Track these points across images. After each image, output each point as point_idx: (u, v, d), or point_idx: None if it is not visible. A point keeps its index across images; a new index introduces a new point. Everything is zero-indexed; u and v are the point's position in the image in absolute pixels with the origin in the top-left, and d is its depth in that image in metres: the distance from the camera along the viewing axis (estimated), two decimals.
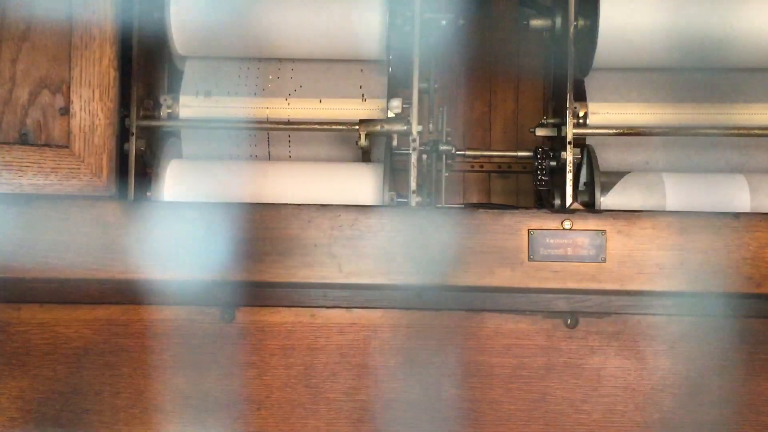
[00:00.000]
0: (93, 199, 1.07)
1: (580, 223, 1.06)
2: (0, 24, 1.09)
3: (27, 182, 1.08)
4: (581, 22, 1.23)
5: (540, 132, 1.31)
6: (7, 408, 1.15)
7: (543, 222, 1.06)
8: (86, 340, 1.15)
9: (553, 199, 1.32)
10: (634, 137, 1.26)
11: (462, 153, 1.38)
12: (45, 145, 1.09)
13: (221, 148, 1.29)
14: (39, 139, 1.09)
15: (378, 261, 1.05)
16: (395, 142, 1.23)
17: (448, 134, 1.35)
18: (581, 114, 1.25)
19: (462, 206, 1.50)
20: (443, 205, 1.33)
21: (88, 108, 1.09)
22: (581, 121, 1.24)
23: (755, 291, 1.04)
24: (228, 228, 1.05)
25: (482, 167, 1.68)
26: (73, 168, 1.09)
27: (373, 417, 1.14)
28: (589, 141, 1.28)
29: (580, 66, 1.27)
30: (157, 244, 1.06)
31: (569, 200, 1.17)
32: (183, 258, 1.05)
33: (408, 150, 1.18)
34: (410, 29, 1.21)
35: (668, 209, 1.18)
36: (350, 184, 1.21)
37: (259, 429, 1.15)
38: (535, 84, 1.68)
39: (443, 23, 1.24)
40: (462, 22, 1.27)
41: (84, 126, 1.09)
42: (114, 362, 1.15)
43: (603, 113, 1.26)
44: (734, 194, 1.19)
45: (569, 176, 1.18)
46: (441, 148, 1.32)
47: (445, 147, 1.32)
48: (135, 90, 1.17)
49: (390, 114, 1.23)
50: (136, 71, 1.17)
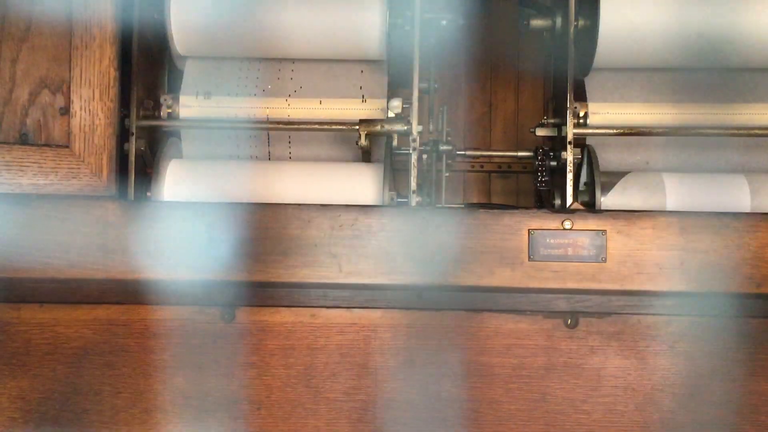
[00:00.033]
0: (93, 199, 1.07)
1: (581, 223, 1.06)
2: (0, 24, 1.09)
3: (27, 182, 1.08)
4: (581, 22, 1.23)
5: (540, 132, 1.31)
6: (7, 408, 1.15)
7: (543, 222, 1.06)
8: (86, 340, 1.15)
9: (554, 199, 1.32)
10: (634, 137, 1.26)
11: (462, 153, 1.38)
12: (45, 145, 1.09)
13: (221, 148, 1.29)
14: (39, 139, 1.09)
15: (378, 261, 1.05)
16: (395, 142, 1.23)
17: (449, 134, 1.35)
18: (581, 114, 1.25)
19: (462, 206, 1.50)
20: (443, 205, 1.33)
21: (88, 108, 1.09)
22: (581, 121, 1.24)
23: (755, 291, 1.04)
24: (228, 228, 1.05)
25: (482, 167, 1.68)
26: (73, 168, 1.09)
27: (373, 417, 1.14)
28: (590, 141, 1.28)
29: (581, 66, 1.27)
30: (157, 244, 1.06)
31: (569, 200, 1.17)
32: (183, 258, 1.05)
33: (408, 150, 1.18)
34: (410, 29, 1.21)
35: (668, 209, 1.18)
36: (350, 184, 1.21)
37: (259, 429, 1.15)
38: (536, 84, 1.68)
39: (443, 23, 1.24)
40: (462, 22, 1.27)
41: (84, 126, 1.09)
42: (114, 362, 1.15)
43: (603, 113, 1.26)
44: (734, 194, 1.19)
45: (569, 176, 1.18)
46: (441, 148, 1.32)
47: (446, 147, 1.32)
48: (135, 90, 1.17)
49: (390, 114, 1.23)
50: (136, 71, 1.17)
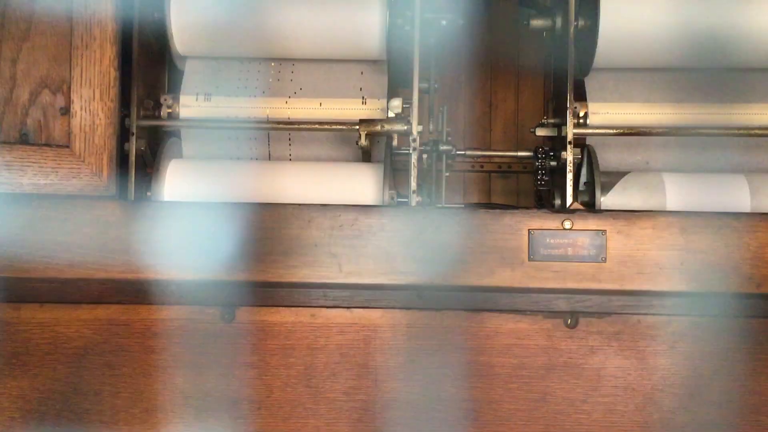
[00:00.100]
0: (93, 199, 1.07)
1: (581, 223, 1.06)
2: (0, 24, 1.09)
3: (27, 182, 1.08)
4: (581, 22, 1.23)
5: (540, 132, 1.31)
6: (8, 408, 1.15)
7: (543, 222, 1.06)
8: (86, 340, 1.15)
9: (554, 199, 1.32)
10: (634, 137, 1.26)
11: (462, 153, 1.38)
12: (45, 145, 1.09)
13: (221, 148, 1.29)
14: (39, 139, 1.09)
15: (378, 261, 1.05)
16: (395, 142, 1.23)
17: (449, 134, 1.35)
18: (581, 114, 1.25)
19: (462, 206, 1.50)
20: (443, 205, 1.33)
21: (89, 108, 1.09)
22: (581, 121, 1.24)
23: (755, 291, 1.04)
24: (228, 228, 1.05)
25: (482, 167, 1.68)
26: (74, 168, 1.09)
27: (373, 417, 1.14)
28: (590, 141, 1.28)
29: (581, 66, 1.27)
30: (157, 244, 1.06)
31: (569, 200, 1.17)
32: (183, 258, 1.05)
33: (408, 150, 1.18)
34: (410, 29, 1.21)
35: (668, 209, 1.18)
36: (350, 184, 1.21)
37: (259, 429, 1.15)
38: (536, 84, 1.68)
39: (443, 23, 1.24)
40: (462, 22, 1.27)
41: (84, 126, 1.09)
42: (114, 362, 1.15)
43: (603, 113, 1.26)
44: (734, 194, 1.19)
45: (569, 176, 1.18)
46: (441, 148, 1.32)
47: (446, 147, 1.32)
48: (135, 90, 1.17)
49: (390, 114, 1.23)
50: (137, 71, 1.17)
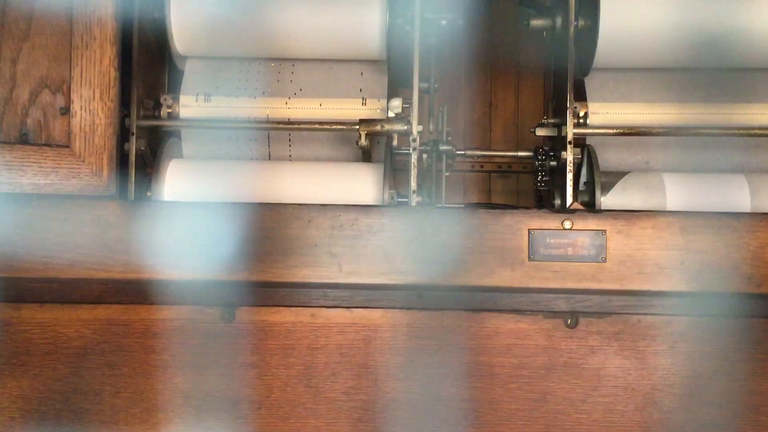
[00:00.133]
0: (93, 199, 1.07)
1: (581, 223, 1.06)
2: (1, 23, 1.09)
3: (27, 182, 1.08)
4: (581, 22, 1.23)
5: (540, 132, 1.31)
6: (8, 408, 1.15)
7: (543, 222, 1.06)
8: (86, 340, 1.15)
9: (554, 199, 1.32)
10: (634, 137, 1.26)
11: (462, 153, 1.38)
12: (45, 145, 1.09)
13: (221, 148, 1.29)
14: (39, 139, 1.09)
15: (378, 261, 1.05)
16: (395, 142, 1.23)
17: (449, 134, 1.35)
18: (581, 114, 1.25)
19: (462, 206, 1.50)
20: (444, 205, 1.33)
21: (89, 108, 1.09)
22: (581, 121, 1.24)
23: (755, 291, 1.04)
24: (228, 228, 1.05)
25: (483, 167, 1.68)
26: (74, 168, 1.09)
27: (373, 417, 1.14)
28: (590, 141, 1.28)
29: (581, 66, 1.27)
30: (157, 244, 1.06)
31: (569, 200, 1.17)
32: (183, 258, 1.05)
33: (408, 150, 1.18)
34: (410, 29, 1.21)
35: (668, 209, 1.18)
36: (350, 184, 1.21)
37: (259, 429, 1.15)
38: (536, 84, 1.68)
39: (443, 23, 1.24)
40: (462, 22, 1.27)
41: (84, 126, 1.09)
42: (114, 362, 1.15)
43: (603, 113, 1.26)
44: (734, 194, 1.19)
45: (569, 176, 1.18)
46: (441, 148, 1.32)
47: (446, 147, 1.32)
48: (135, 90, 1.17)
49: (390, 114, 1.23)
50: (137, 71, 1.17)
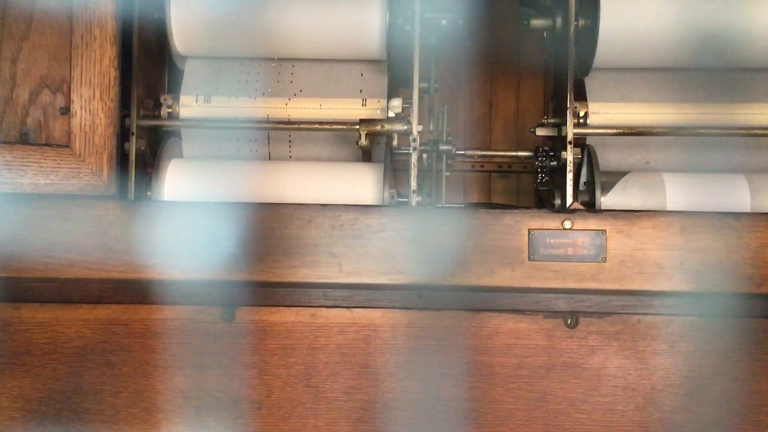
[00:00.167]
0: (93, 199, 1.07)
1: (581, 223, 1.06)
2: (1, 23, 1.09)
3: (27, 182, 1.08)
4: (581, 22, 1.23)
5: (540, 132, 1.31)
6: (8, 407, 1.15)
7: (543, 222, 1.06)
8: (86, 340, 1.15)
9: (554, 199, 1.32)
10: (634, 137, 1.26)
11: (462, 153, 1.38)
12: (45, 145, 1.09)
13: (221, 148, 1.29)
14: (39, 139, 1.09)
15: (378, 261, 1.05)
16: (395, 142, 1.23)
17: (449, 134, 1.35)
18: (582, 114, 1.25)
19: (462, 206, 1.51)
20: (444, 205, 1.33)
21: (89, 107, 1.09)
22: (582, 121, 1.24)
23: (755, 291, 1.04)
24: (228, 228, 1.05)
25: (483, 167, 1.68)
26: (74, 167, 1.09)
27: (373, 417, 1.14)
28: (590, 141, 1.28)
29: (581, 66, 1.27)
30: (158, 244, 1.06)
31: (569, 200, 1.17)
32: (183, 257, 1.05)
33: (408, 150, 1.18)
34: (410, 29, 1.21)
35: (668, 209, 1.18)
36: (351, 184, 1.21)
37: (259, 429, 1.15)
38: (536, 84, 1.68)
39: (443, 23, 1.24)
40: (462, 22, 1.27)
41: (84, 125, 1.09)
42: (114, 362, 1.15)
43: (603, 113, 1.26)
44: (735, 194, 1.19)
45: (569, 176, 1.18)
46: (441, 148, 1.32)
47: (446, 147, 1.32)
48: (135, 89, 1.17)
49: (390, 114, 1.23)
50: (137, 71, 1.17)
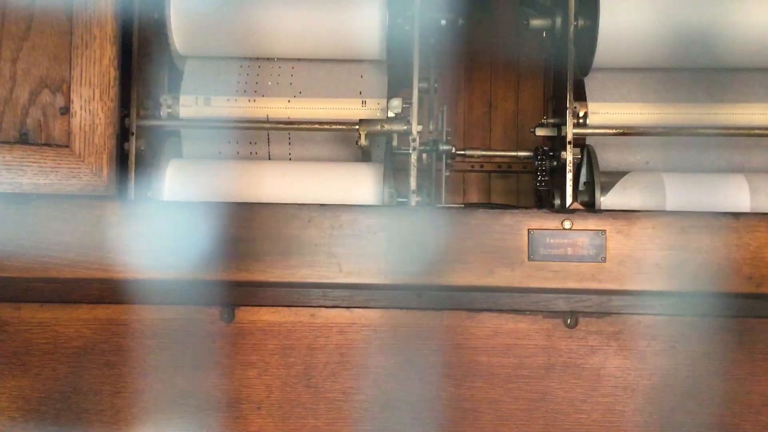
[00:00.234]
0: (93, 199, 1.07)
1: (580, 223, 1.06)
2: (0, 23, 1.09)
3: (27, 182, 1.08)
4: (581, 22, 1.23)
5: (540, 132, 1.31)
6: (8, 407, 1.15)
7: (543, 222, 1.06)
8: (86, 340, 1.15)
9: (553, 199, 1.32)
10: (634, 137, 1.26)
11: (462, 153, 1.38)
12: (45, 145, 1.09)
13: (221, 148, 1.29)
14: (39, 139, 1.09)
15: (378, 261, 1.05)
16: (395, 142, 1.23)
17: (449, 134, 1.35)
18: (581, 114, 1.25)
19: (462, 206, 1.50)
20: (443, 205, 1.33)
21: (89, 107, 1.09)
22: (581, 121, 1.24)
23: (755, 291, 1.04)
24: (228, 227, 1.05)
25: (482, 167, 1.68)
26: (73, 167, 1.09)
27: (373, 417, 1.14)
28: (589, 141, 1.28)
29: (580, 66, 1.27)
30: (157, 244, 1.06)
31: (569, 200, 1.17)
32: (183, 257, 1.05)
33: (408, 150, 1.18)
34: (410, 29, 1.21)
35: (668, 209, 1.18)
36: (350, 184, 1.21)
37: (259, 429, 1.15)
38: (536, 84, 1.68)
39: (443, 23, 1.24)
40: (462, 22, 1.27)
41: (84, 125, 1.09)
42: (114, 362, 1.15)
43: (603, 113, 1.26)
44: (734, 194, 1.19)
45: (569, 176, 1.18)
46: (441, 148, 1.32)
47: (445, 147, 1.32)
48: (135, 89, 1.17)
49: (390, 114, 1.23)
50: (136, 71, 1.17)
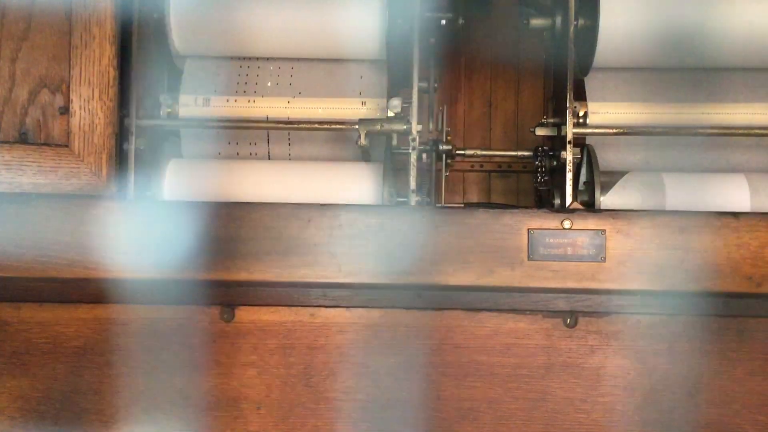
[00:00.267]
0: (93, 199, 1.07)
1: (580, 223, 1.06)
2: (0, 22, 1.09)
3: (27, 181, 1.08)
4: (581, 22, 1.23)
5: (540, 131, 1.31)
6: (7, 407, 1.15)
7: (543, 221, 1.06)
8: (86, 340, 1.15)
9: (553, 199, 1.32)
10: (634, 137, 1.26)
11: (462, 152, 1.38)
12: (45, 144, 1.09)
13: (221, 148, 1.29)
14: (39, 138, 1.09)
15: (378, 260, 1.05)
16: (395, 142, 1.23)
17: (448, 133, 1.35)
18: (581, 113, 1.25)
19: (462, 206, 1.50)
20: (443, 205, 1.33)
21: (88, 107, 1.09)
22: (581, 121, 1.24)
23: (755, 291, 1.04)
24: (227, 227, 1.05)
25: (482, 167, 1.68)
26: (73, 167, 1.09)
27: (373, 417, 1.14)
28: (589, 140, 1.28)
29: (580, 65, 1.27)
30: (157, 244, 1.06)
31: (569, 200, 1.17)
32: (182, 257, 1.05)
33: (408, 149, 1.18)
34: (410, 28, 1.20)
35: (668, 209, 1.18)
36: (350, 184, 1.21)
37: (259, 428, 1.15)
38: (536, 83, 1.68)
39: (443, 22, 1.24)
40: (462, 22, 1.27)
41: (83, 125, 1.09)
42: (114, 362, 1.15)
43: (603, 113, 1.26)
44: (734, 194, 1.19)
45: (569, 176, 1.18)
46: (441, 148, 1.32)
47: (445, 146, 1.32)
48: (134, 89, 1.17)
49: (390, 113, 1.23)
50: (136, 70, 1.17)
